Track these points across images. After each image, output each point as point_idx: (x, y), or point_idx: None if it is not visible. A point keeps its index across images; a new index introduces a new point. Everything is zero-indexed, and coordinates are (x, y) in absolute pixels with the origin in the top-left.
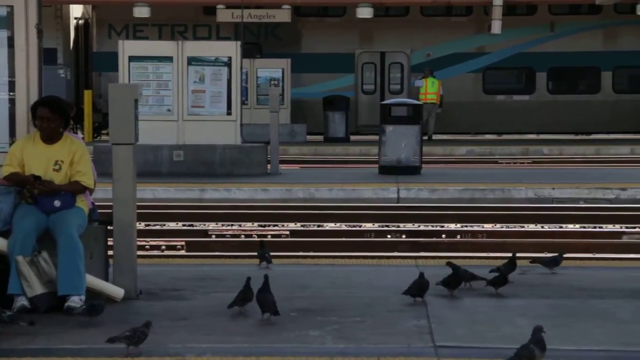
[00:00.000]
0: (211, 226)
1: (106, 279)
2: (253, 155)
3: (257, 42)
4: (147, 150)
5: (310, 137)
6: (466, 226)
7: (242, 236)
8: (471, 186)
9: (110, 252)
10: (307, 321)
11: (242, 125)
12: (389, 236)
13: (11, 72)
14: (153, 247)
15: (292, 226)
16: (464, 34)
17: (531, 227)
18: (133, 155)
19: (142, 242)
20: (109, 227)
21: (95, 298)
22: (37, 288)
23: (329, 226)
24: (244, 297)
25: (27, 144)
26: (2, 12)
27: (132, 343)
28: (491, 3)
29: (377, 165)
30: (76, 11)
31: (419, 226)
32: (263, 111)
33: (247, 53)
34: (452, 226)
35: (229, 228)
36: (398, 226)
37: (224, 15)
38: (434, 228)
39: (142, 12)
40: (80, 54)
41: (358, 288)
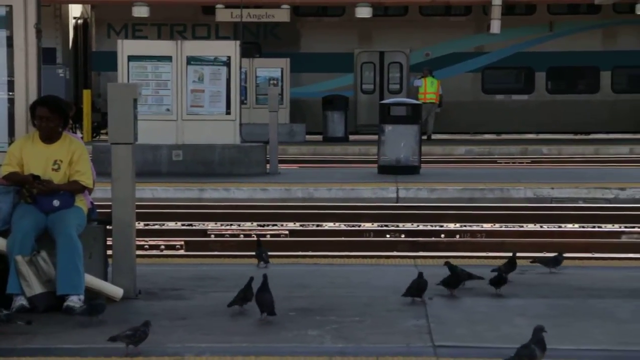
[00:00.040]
0: (210, 226)
1: (105, 279)
2: (252, 154)
3: (256, 42)
4: (146, 149)
5: (309, 137)
6: (465, 226)
7: (241, 236)
8: (470, 186)
9: (109, 252)
10: (306, 321)
11: (241, 124)
12: (388, 236)
13: (10, 72)
14: (152, 247)
15: (291, 226)
16: (463, 34)
17: (530, 227)
18: (132, 154)
19: (141, 242)
20: (108, 227)
21: (96, 298)
22: (36, 288)
23: (328, 226)
24: (244, 297)
25: (26, 144)
26: (1, 12)
27: (133, 342)
28: (490, 3)
29: (376, 164)
30: (75, 11)
31: (418, 226)
32: (262, 111)
33: (246, 53)
34: (451, 226)
35: (228, 228)
36: (397, 226)
37: (223, 14)
38: (433, 228)
39: (141, 12)
40: (79, 54)
41: (357, 288)
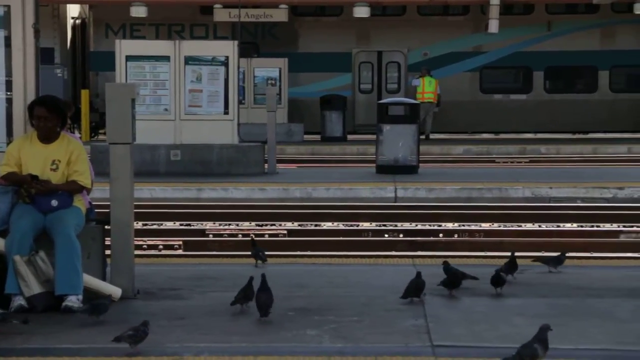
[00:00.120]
0: (208, 225)
1: (104, 279)
2: (250, 154)
3: (254, 42)
4: (145, 149)
5: (307, 137)
6: (463, 225)
7: (240, 236)
8: (468, 185)
9: (107, 252)
10: (305, 320)
11: (240, 124)
12: (387, 235)
13: (8, 72)
14: (150, 247)
15: (290, 225)
16: (461, 33)
17: (528, 227)
18: (130, 154)
19: (140, 242)
20: (107, 227)
21: (98, 297)
22: (35, 287)
23: (327, 225)
24: (245, 296)
25: (25, 144)
26: None
27: (135, 342)
28: (488, 2)
29: (375, 164)
30: (73, 11)
31: (417, 225)
32: (260, 110)
33: (245, 52)
34: (450, 225)
35: (227, 227)
36: (395, 225)
37: (221, 14)
38: (432, 227)
39: (139, 12)
40: (77, 54)
41: (355, 287)
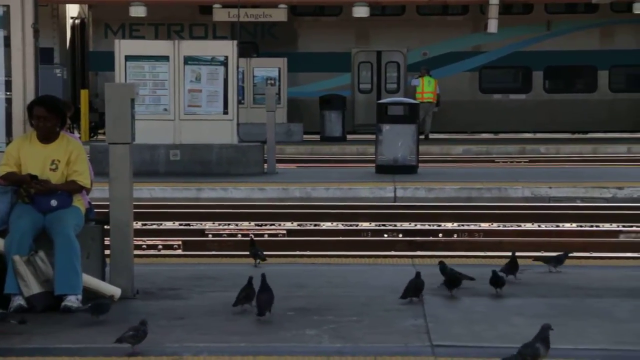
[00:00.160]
0: (208, 225)
1: (103, 279)
2: (250, 154)
3: (254, 42)
4: (144, 149)
5: (306, 137)
6: (463, 225)
7: (239, 235)
8: (468, 185)
9: (107, 252)
10: (304, 320)
11: (239, 124)
12: (386, 235)
13: (7, 72)
14: (150, 247)
15: (289, 225)
16: (460, 33)
17: (528, 226)
18: (130, 154)
19: (139, 242)
20: (106, 227)
21: (100, 297)
22: (34, 287)
23: (326, 225)
24: (246, 296)
25: (24, 144)
26: None
27: (137, 342)
28: (487, 2)
29: (374, 164)
30: (72, 11)
31: (416, 225)
32: (259, 110)
33: (244, 52)
34: (449, 225)
35: (226, 227)
36: (395, 225)
37: (220, 14)
38: (431, 227)
39: (139, 12)
40: (76, 54)
41: (355, 287)
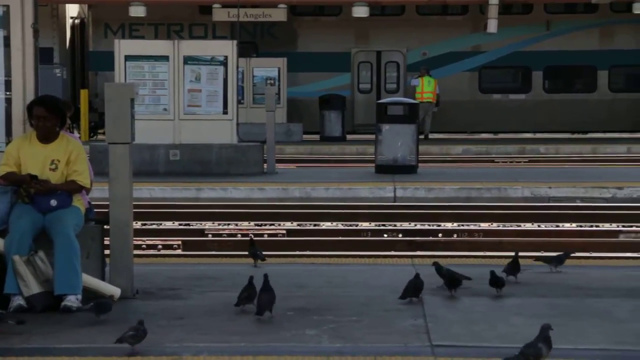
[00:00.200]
0: (208, 225)
1: (103, 278)
2: (249, 154)
3: (253, 41)
4: (144, 149)
5: (306, 136)
6: (462, 225)
7: (239, 235)
8: (467, 185)
9: (106, 252)
10: (304, 320)
11: (239, 124)
12: (386, 235)
13: (7, 72)
14: (149, 247)
15: (289, 225)
16: (460, 33)
17: (528, 226)
18: (129, 154)
19: (139, 242)
20: (106, 227)
21: (101, 297)
22: (34, 287)
23: (326, 225)
24: (248, 296)
25: (24, 144)
26: None
27: (137, 341)
28: (487, 2)
29: (374, 164)
30: (72, 11)
31: (416, 225)
32: (259, 110)
33: (243, 52)
34: (449, 225)
35: (226, 227)
36: (394, 225)
37: (220, 14)
38: (431, 227)
39: (138, 12)
40: (76, 54)
41: (354, 287)
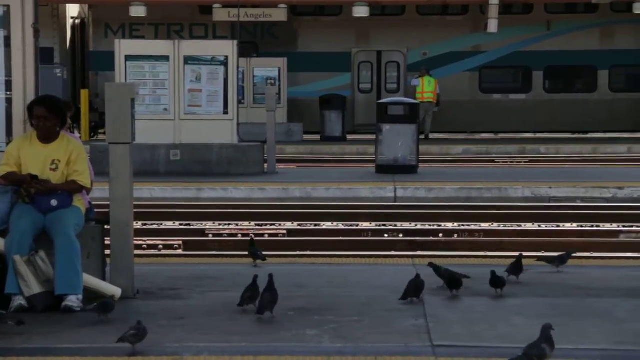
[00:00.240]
0: (208, 225)
1: (103, 278)
2: (250, 154)
3: (254, 41)
4: (144, 149)
5: (307, 136)
6: (463, 225)
7: (239, 235)
8: (468, 185)
9: (107, 252)
10: (305, 320)
11: (239, 124)
12: (386, 235)
13: (8, 72)
14: (150, 247)
15: (289, 225)
16: (460, 33)
17: (528, 226)
18: (130, 154)
19: (139, 242)
20: (106, 227)
21: (104, 297)
22: (35, 287)
23: (326, 225)
24: (252, 295)
25: (24, 144)
26: None
27: (138, 341)
28: (487, 2)
29: (374, 164)
30: (73, 11)
31: (416, 225)
32: (260, 110)
33: (244, 52)
34: (449, 225)
35: (226, 227)
36: (395, 225)
37: (221, 14)
38: (431, 227)
39: (139, 12)
40: (76, 54)
41: (355, 287)
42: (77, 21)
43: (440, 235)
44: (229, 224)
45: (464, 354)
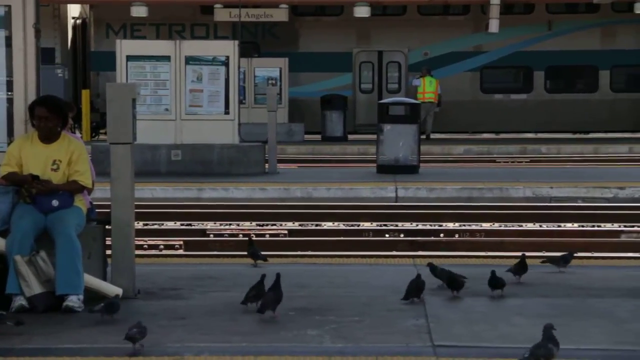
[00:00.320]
0: (209, 225)
1: (104, 279)
2: (251, 154)
3: (255, 41)
4: (145, 149)
5: (308, 137)
6: (464, 225)
7: (240, 235)
8: (469, 185)
9: (108, 252)
10: (306, 320)
11: (240, 124)
12: (387, 235)
13: (9, 72)
14: (151, 247)
15: (290, 225)
16: (462, 33)
17: (529, 226)
18: (131, 154)
19: (140, 242)
20: (107, 227)
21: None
22: (36, 288)
23: (327, 225)
24: (257, 294)
25: (25, 144)
26: (0, 12)
27: (141, 338)
28: (488, 2)
29: (375, 164)
30: (74, 11)
31: (417, 225)
32: (261, 110)
33: (245, 52)
34: (450, 225)
35: (227, 227)
36: (396, 225)
37: (222, 14)
38: (432, 227)
39: (140, 12)
40: (78, 54)
41: (356, 287)
42: (79, 21)
43: (441, 235)
44: (230, 224)
45: (465, 354)
